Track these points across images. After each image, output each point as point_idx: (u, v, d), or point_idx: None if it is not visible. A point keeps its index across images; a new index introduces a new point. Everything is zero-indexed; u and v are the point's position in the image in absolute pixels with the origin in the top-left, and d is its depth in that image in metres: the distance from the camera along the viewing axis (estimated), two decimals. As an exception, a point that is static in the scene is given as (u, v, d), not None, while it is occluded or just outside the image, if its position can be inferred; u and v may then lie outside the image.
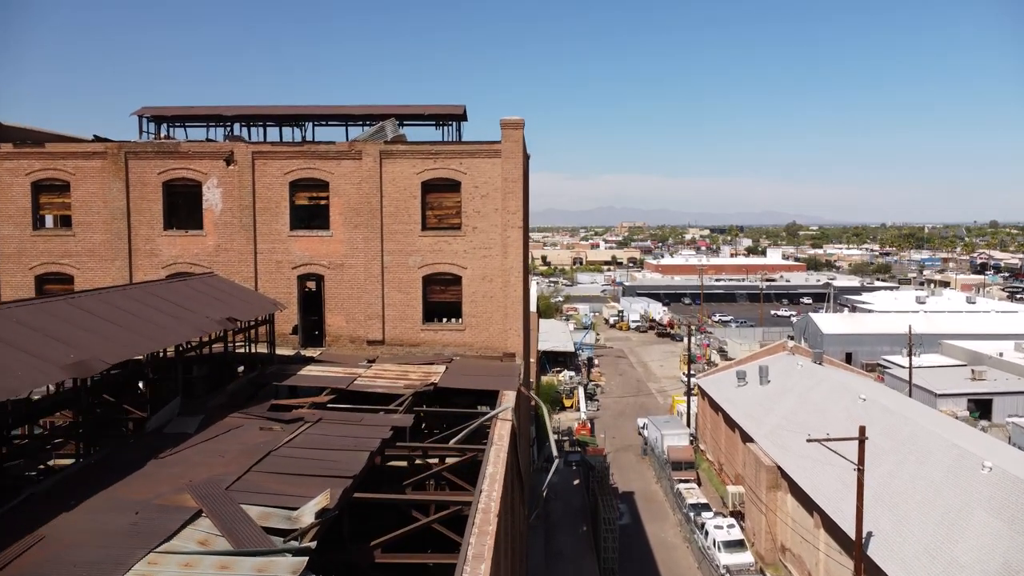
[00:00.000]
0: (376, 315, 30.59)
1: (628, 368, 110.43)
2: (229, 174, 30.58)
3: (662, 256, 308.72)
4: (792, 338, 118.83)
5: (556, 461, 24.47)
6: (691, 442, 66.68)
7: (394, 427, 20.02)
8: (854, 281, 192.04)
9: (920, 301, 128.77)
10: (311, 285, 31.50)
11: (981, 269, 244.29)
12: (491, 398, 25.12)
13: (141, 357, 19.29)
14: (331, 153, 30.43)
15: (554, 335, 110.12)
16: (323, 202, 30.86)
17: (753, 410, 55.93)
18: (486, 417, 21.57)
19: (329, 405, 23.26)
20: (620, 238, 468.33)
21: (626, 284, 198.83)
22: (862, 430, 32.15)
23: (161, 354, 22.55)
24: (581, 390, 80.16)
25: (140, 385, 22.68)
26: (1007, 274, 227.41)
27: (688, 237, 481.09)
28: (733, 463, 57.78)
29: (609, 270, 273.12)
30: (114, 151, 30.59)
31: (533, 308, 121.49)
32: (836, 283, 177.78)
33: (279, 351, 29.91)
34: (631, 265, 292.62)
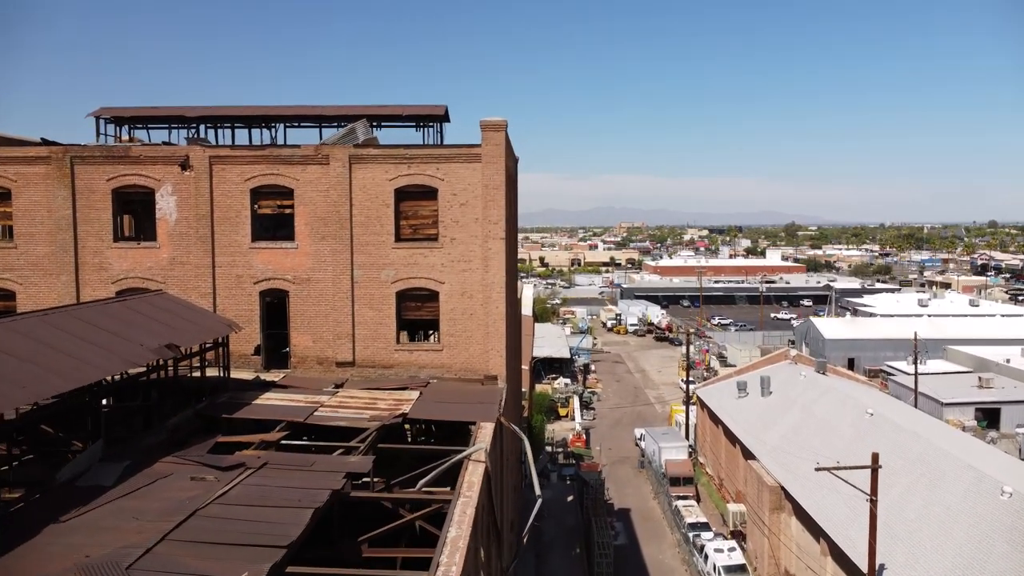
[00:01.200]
0: (345, 334, 28.05)
1: (626, 374, 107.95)
2: (185, 180, 28.03)
3: (660, 257, 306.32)
4: (793, 342, 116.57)
5: (539, 502, 21.87)
6: (690, 454, 64.19)
7: (349, 473, 17.48)
8: (855, 283, 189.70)
9: (923, 304, 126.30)
10: (275, 301, 28.96)
11: (982, 270, 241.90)
12: (468, 430, 22.62)
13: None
14: (296, 158, 27.88)
15: (550, 340, 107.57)
16: (288, 211, 28.33)
17: (754, 424, 53.41)
18: (455, 459, 19.02)
19: (283, 441, 20.76)
20: (619, 238, 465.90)
21: (624, 286, 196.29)
22: (875, 458, 29.63)
23: (112, 379, 20.04)
24: (576, 399, 77.65)
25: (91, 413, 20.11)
26: (1008, 275, 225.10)
27: (687, 238, 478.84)
28: (734, 479, 55.26)
29: (607, 271, 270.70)
30: (59, 156, 28.04)
31: (528, 312, 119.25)
32: (836, 285, 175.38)
33: (238, 374, 27.37)
34: (629, 266, 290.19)
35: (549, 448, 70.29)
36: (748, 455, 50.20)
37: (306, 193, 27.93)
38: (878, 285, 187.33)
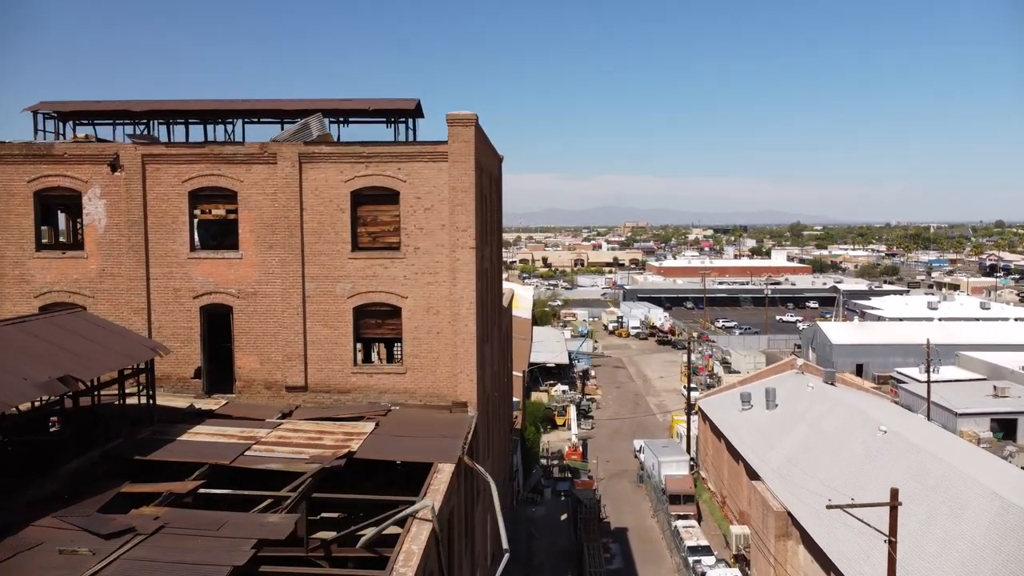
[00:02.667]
0: (296, 355, 24.87)
1: (626, 380, 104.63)
2: (115, 182, 24.89)
3: (664, 257, 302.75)
4: (799, 347, 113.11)
5: (505, 557, 18.64)
6: (691, 469, 60.92)
7: (260, 541, 14.29)
8: (861, 284, 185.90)
9: (932, 307, 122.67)
10: (218, 318, 25.77)
11: (990, 271, 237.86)
12: (425, 471, 19.43)
13: None
14: (239, 156, 24.72)
15: (548, 344, 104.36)
16: (231, 216, 25.17)
17: (759, 440, 50.12)
18: (397, 517, 15.82)
19: (203, 490, 17.58)
20: (623, 238, 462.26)
21: (627, 288, 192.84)
22: (894, 494, 26.35)
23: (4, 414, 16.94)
24: (573, 409, 74.31)
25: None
26: (1018, 276, 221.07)
27: (691, 237, 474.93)
28: (737, 498, 51.99)
29: (610, 272, 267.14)
30: (-27, 154, 24.90)
31: (527, 315, 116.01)
32: (843, 286, 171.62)
33: (174, 401, 24.25)
34: (633, 267, 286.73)
35: (544, 461, 67.07)
36: (752, 474, 46.94)
37: (251, 196, 24.77)
38: (886, 287, 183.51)
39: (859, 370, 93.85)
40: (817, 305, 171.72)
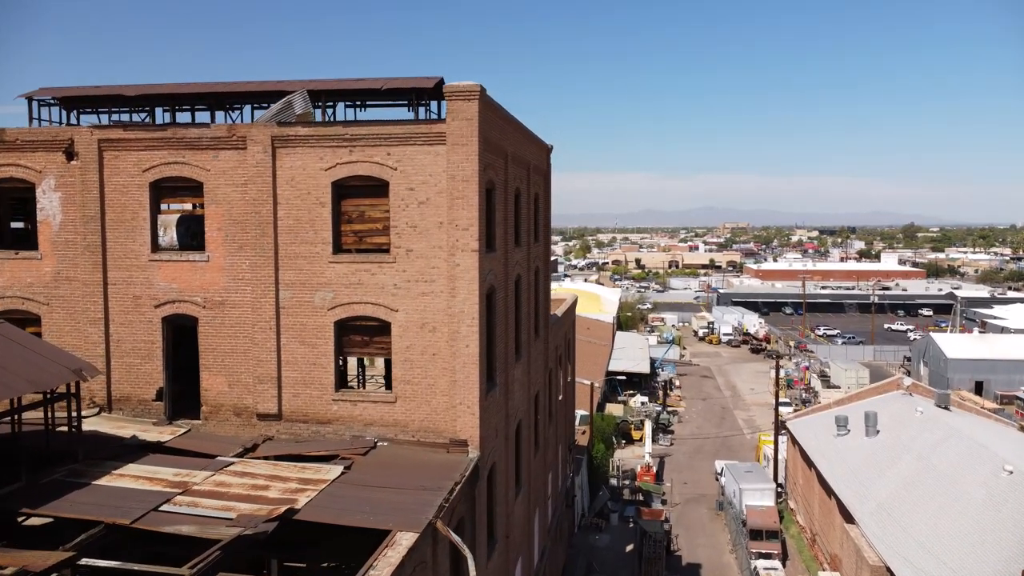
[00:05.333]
0: (269, 377, 20.87)
1: (713, 391, 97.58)
2: (71, 172, 21.55)
3: (765, 259, 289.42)
4: (909, 359, 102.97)
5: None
6: (778, 499, 54.31)
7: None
8: (982, 291, 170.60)
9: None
10: (184, 330, 22.04)
11: None
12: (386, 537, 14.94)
13: None
14: (205, 140, 20.92)
15: (630, 352, 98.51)
16: (199, 211, 21.42)
17: (855, 474, 43.36)
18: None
19: (85, 560, 13.67)
20: (722, 239, 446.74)
21: (721, 291, 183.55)
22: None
23: None
24: (649, 424, 68.48)
25: None
26: None
27: (794, 239, 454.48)
28: (828, 538, 45.34)
29: (706, 274, 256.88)
30: (-82, 142, 22.00)
31: (610, 319, 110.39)
32: (961, 293, 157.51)
33: (128, 428, 20.66)
34: (730, 269, 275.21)
35: (615, 481, 61.68)
36: (846, 514, 40.42)
37: (218, 188, 20.93)
38: (1010, 294, 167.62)
39: (978, 388, 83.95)
40: (931, 313, 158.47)
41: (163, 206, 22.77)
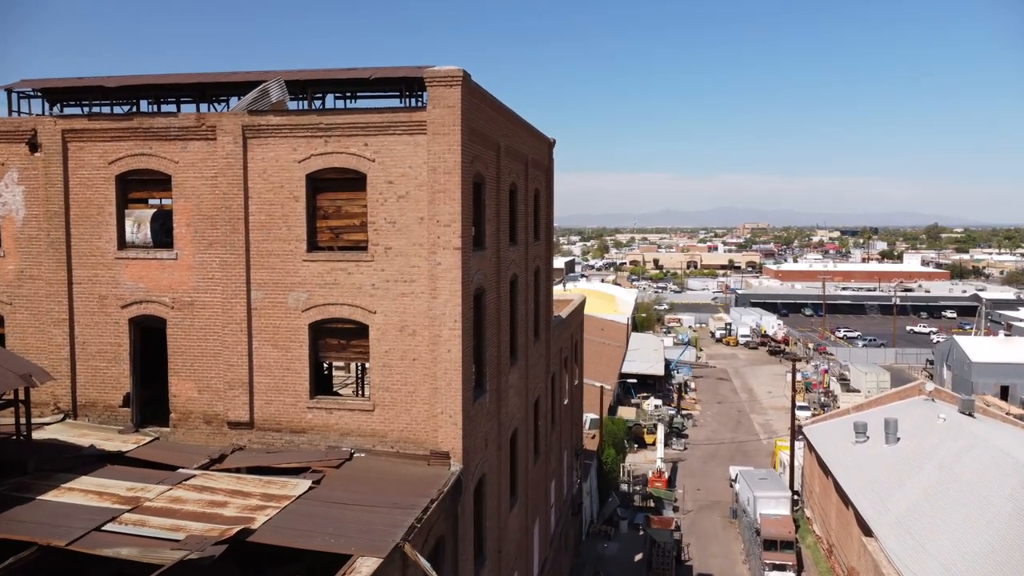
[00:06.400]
0: (240, 383, 19.58)
1: (729, 394, 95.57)
2: (34, 165, 20.39)
3: (784, 260, 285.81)
4: (932, 362, 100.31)
5: None
6: (794, 507, 52.46)
7: None
8: (1008, 293, 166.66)
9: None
10: (153, 332, 20.79)
11: None
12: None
13: None
14: (172, 131, 19.67)
15: (644, 353, 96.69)
16: (164, 206, 20.19)
17: (874, 483, 41.51)
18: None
19: (11, 586, 12.39)
20: (741, 240, 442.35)
21: (740, 292, 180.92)
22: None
23: None
24: (661, 429, 66.75)
25: None
26: None
27: (815, 239, 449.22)
28: (846, 550, 43.51)
29: (724, 275, 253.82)
30: None
31: (625, 320, 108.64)
32: (986, 295, 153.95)
33: (92, 436, 19.45)
34: (749, 270, 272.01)
35: (625, 486, 60.03)
36: (864, 526, 38.62)
37: (187, 181, 19.67)
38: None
39: (1004, 393, 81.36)
40: (955, 315, 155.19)
41: (146, 200, 21.55)
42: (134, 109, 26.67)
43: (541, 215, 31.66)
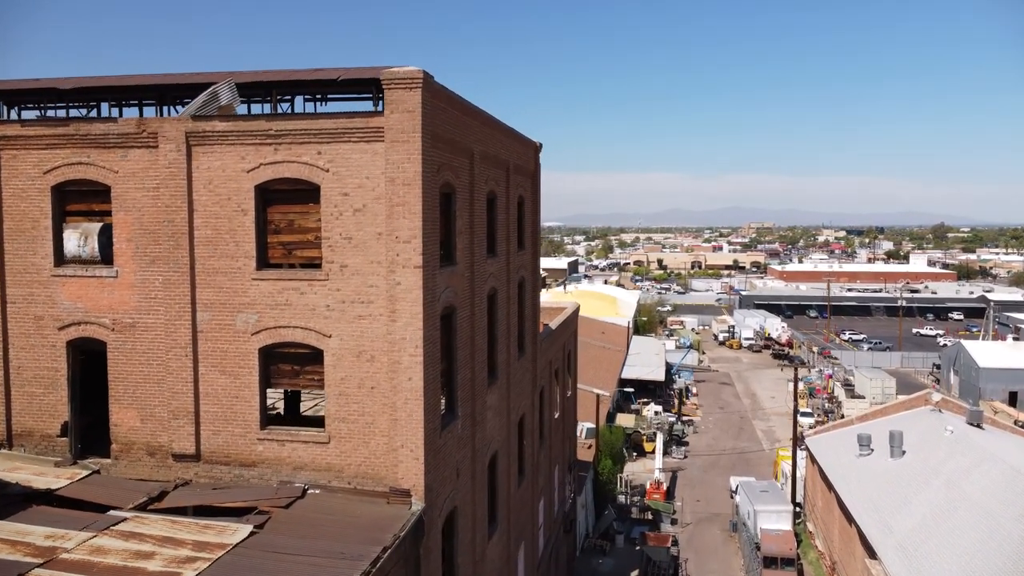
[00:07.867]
0: (185, 411, 17.99)
1: (732, 399, 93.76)
2: (-35, 175, 18.82)
3: (790, 260, 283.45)
4: (938, 367, 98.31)
5: None
6: (796, 520, 50.73)
7: None
8: (1016, 294, 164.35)
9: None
10: (94, 357, 19.20)
11: None
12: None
13: None
14: (111, 138, 18.12)
15: (645, 358, 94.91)
16: (107, 219, 18.61)
17: (878, 500, 39.78)
18: None
19: None
20: (747, 239, 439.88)
21: (744, 293, 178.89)
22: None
23: None
24: (660, 438, 65.04)
25: None
26: None
27: (821, 239, 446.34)
28: (849, 569, 41.78)
29: (729, 275, 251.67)
30: None
31: (626, 323, 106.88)
32: (993, 296, 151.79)
33: (23, 470, 17.89)
34: (754, 270, 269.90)
35: (623, 498, 58.35)
36: (867, 546, 36.91)
37: (128, 192, 18.11)
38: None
39: (1012, 399, 79.43)
40: (962, 317, 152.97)
41: (86, 213, 19.94)
42: (95, 113, 25.13)
43: (526, 223, 30.02)
